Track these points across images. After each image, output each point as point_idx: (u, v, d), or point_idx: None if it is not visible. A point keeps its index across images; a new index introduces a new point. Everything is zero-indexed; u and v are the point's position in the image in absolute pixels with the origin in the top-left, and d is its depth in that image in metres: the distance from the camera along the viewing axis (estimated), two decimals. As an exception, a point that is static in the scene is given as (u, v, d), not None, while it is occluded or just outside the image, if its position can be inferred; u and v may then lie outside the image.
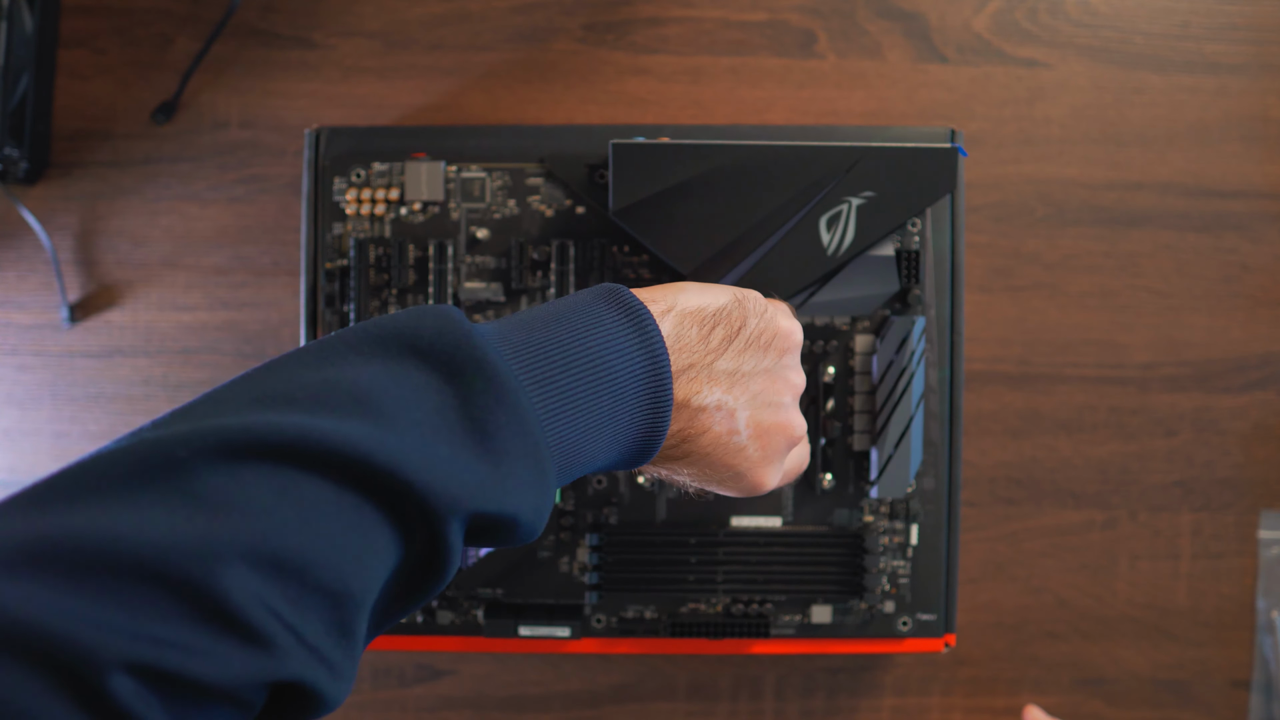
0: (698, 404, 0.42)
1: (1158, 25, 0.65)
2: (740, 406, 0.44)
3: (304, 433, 0.31)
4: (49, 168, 0.65)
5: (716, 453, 0.44)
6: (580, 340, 0.38)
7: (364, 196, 0.58)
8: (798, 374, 0.47)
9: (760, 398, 0.44)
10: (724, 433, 0.43)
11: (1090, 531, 0.65)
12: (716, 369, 0.43)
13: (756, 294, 0.46)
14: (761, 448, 0.45)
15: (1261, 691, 0.66)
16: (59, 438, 0.66)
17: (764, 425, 0.44)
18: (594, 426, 0.38)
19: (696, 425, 0.43)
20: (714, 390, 0.43)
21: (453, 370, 0.35)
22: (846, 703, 0.66)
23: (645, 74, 0.65)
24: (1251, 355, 0.65)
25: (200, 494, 0.30)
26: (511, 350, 0.37)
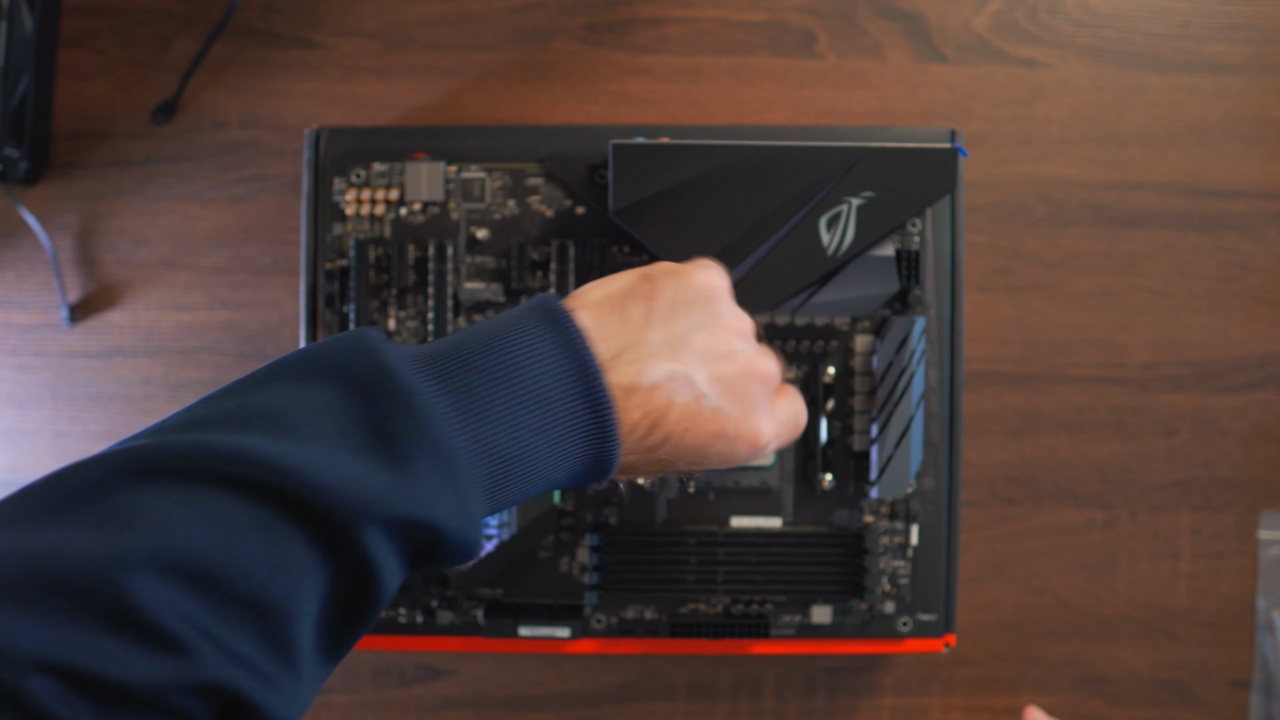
0: (648, 382, 0.41)
1: (1158, 25, 0.65)
2: (693, 368, 0.42)
3: (204, 448, 0.33)
4: (49, 168, 0.65)
5: (693, 423, 0.42)
6: (499, 347, 0.38)
7: (364, 196, 0.58)
8: (737, 317, 0.45)
9: (710, 352, 0.43)
10: (690, 400, 0.42)
11: (1090, 531, 0.66)
12: (650, 342, 0.42)
13: (663, 263, 0.45)
14: (736, 400, 0.43)
15: (1261, 691, 0.66)
16: (59, 438, 0.66)
17: (727, 376, 0.43)
18: (527, 432, 0.38)
19: (657, 403, 0.41)
20: (658, 363, 0.42)
21: (359, 386, 0.35)
22: (846, 703, 0.66)
23: (645, 74, 0.65)
24: (1251, 355, 0.66)
25: (111, 511, 0.31)
26: (426, 363, 0.37)
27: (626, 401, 0.41)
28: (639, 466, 0.44)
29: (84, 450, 0.65)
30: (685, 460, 0.44)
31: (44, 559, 0.30)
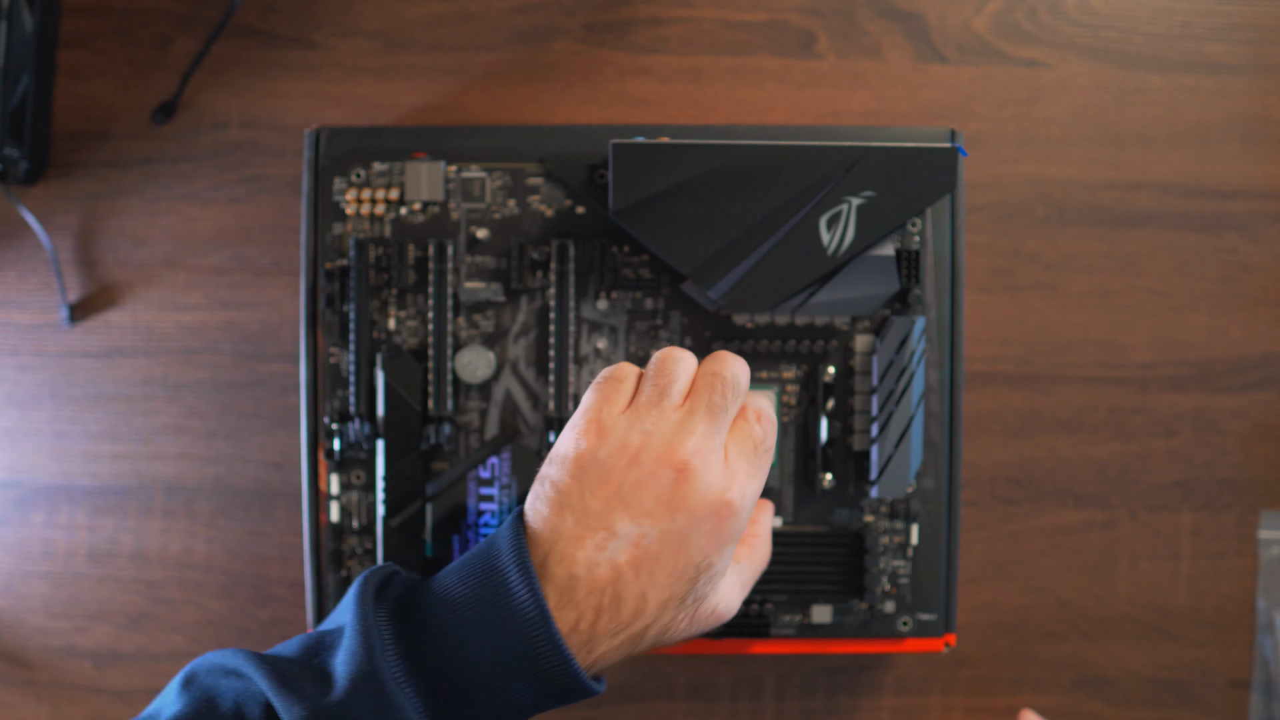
0: (583, 569, 0.44)
1: (1158, 25, 0.65)
2: (613, 522, 0.44)
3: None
4: (49, 168, 0.65)
5: (654, 563, 0.44)
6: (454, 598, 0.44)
7: (364, 196, 0.58)
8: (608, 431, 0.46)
9: (618, 494, 0.45)
10: (630, 549, 0.44)
11: (1090, 531, 0.66)
12: (567, 531, 0.44)
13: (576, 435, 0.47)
14: (669, 507, 0.45)
15: (1261, 691, 0.66)
16: (59, 438, 0.66)
17: (647, 498, 0.45)
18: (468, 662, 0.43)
19: (600, 578, 0.44)
20: (582, 545, 0.44)
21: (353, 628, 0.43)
22: (846, 703, 0.66)
23: (645, 74, 0.65)
24: (1251, 355, 0.66)
25: None
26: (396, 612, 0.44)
27: (569, 599, 0.43)
28: (651, 638, 0.46)
29: (84, 450, 0.65)
30: (684, 594, 0.45)
31: None
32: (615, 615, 0.44)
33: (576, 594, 0.43)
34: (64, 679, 0.66)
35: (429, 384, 0.58)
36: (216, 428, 0.65)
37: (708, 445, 0.45)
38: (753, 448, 0.47)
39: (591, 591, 0.44)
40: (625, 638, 0.45)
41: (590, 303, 0.58)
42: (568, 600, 0.43)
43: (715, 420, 0.46)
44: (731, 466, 0.46)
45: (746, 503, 0.46)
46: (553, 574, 0.44)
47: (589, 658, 0.44)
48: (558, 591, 0.43)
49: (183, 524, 0.66)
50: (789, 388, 0.58)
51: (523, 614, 0.42)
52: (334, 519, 0.58)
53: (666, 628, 0.46)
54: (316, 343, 0.58)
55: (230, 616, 0.66)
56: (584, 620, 0.44)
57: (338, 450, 0.58)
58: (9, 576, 0.66)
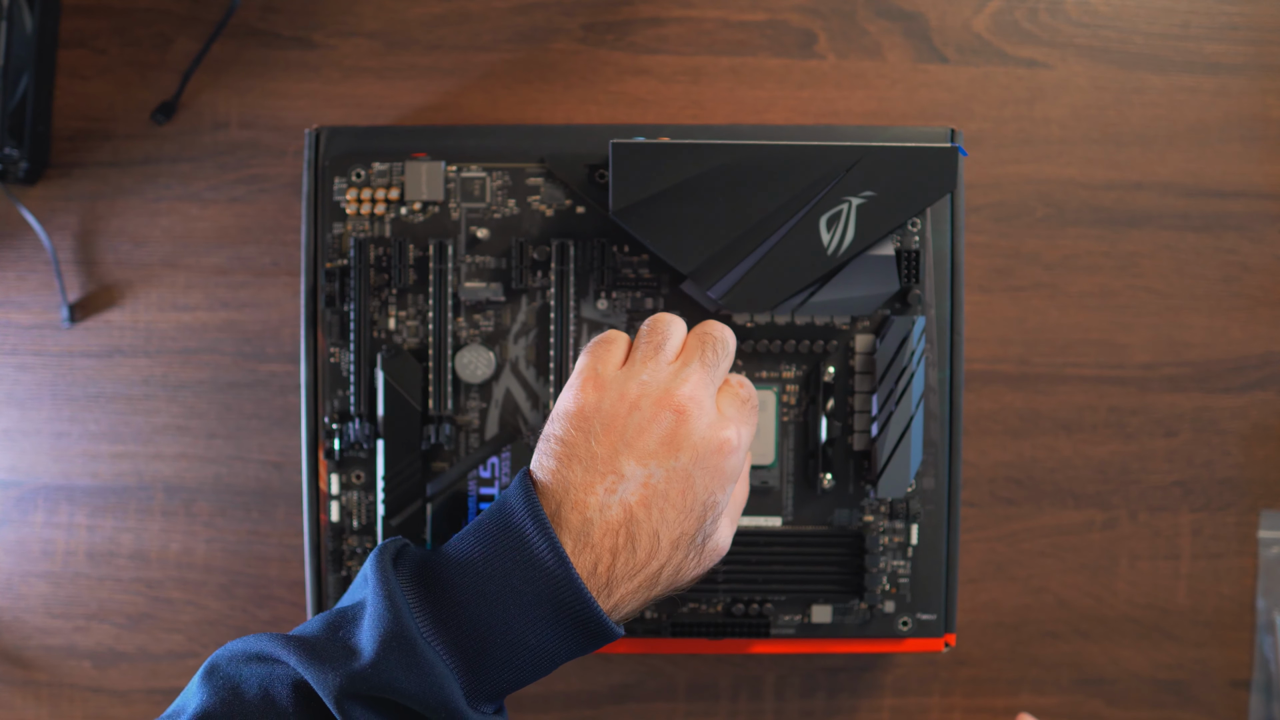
0: (595, 513, 0.45)
1: (1158, 25, 0.65)
2: (621, 465, 0.46)
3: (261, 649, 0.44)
4: (49, 168, 0.65)
5: (664, 501, 0.46)
6: (475, 557, 0.45)
7: (364, 196, 0.58)
8: (606, 382, 0.48)
9: (623, 436, 0.46)
10: (639, 490, 0.46)
11: (1090, 531, 0.66)
12: (575, 479, 0.46)
13: (576, 387, 0.48)
14: (670, 445, 0.46)
15: (1261, 691, 0.66)
16: (59, 438, 0.66)
17: (649, 440, 0.46)
18: (492, 611, 0.44)
19: (613, 519, 0.45)
20: (592, 490, 0.46)
21: (374, 593, 0.44)
22: (846, 703, 0.66)
23: (645, 74, 0.65)
24: (1251, 355, 0.66)
25: None
26: (414, 572, 0.45)
27: (585, 543, 0.45)
28: (665, 580, 0.47)
29: (84, 450, 0.65)
30: (694, 532, 0.47)
31: None
32: (631, 556, 0.45)
33: (592, 537, 0.45)
34: (64, 679, 0.66)
35: (429, 384, 0.58)
36: (216, 428, 0.65)
37: (702, 392, 0.48)
38: (740, 401, 0.50)
39: (606, 533, 0.45)
40: (642, 579, 0.46)
41: (590, 303, 0.58)
42: (584, 544, 0.45)
43: (708, 372, 0.48)
44: (725, 412, 0.49)
45: (743, 443, 0.48)
46: (567, 521, 0.45)
47: (609, 601, 0.45)
48: (573, 538, 0.45)
49: (183, 524, 0.66)
50: (789, 388, 0.58)
51: (542, 564, 0.44)
52: (334, 519, 0.58)
53: (679, 567, 0.47)
54: (316, 343, 0.58)
55: (230, 616, 0.66)
56: (601, 563, 0.45)
57: (338, 450, 0.58)
58: (9, 576, 0.66)
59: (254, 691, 0.42)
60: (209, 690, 0.43)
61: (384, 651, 0.41)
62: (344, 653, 0.42)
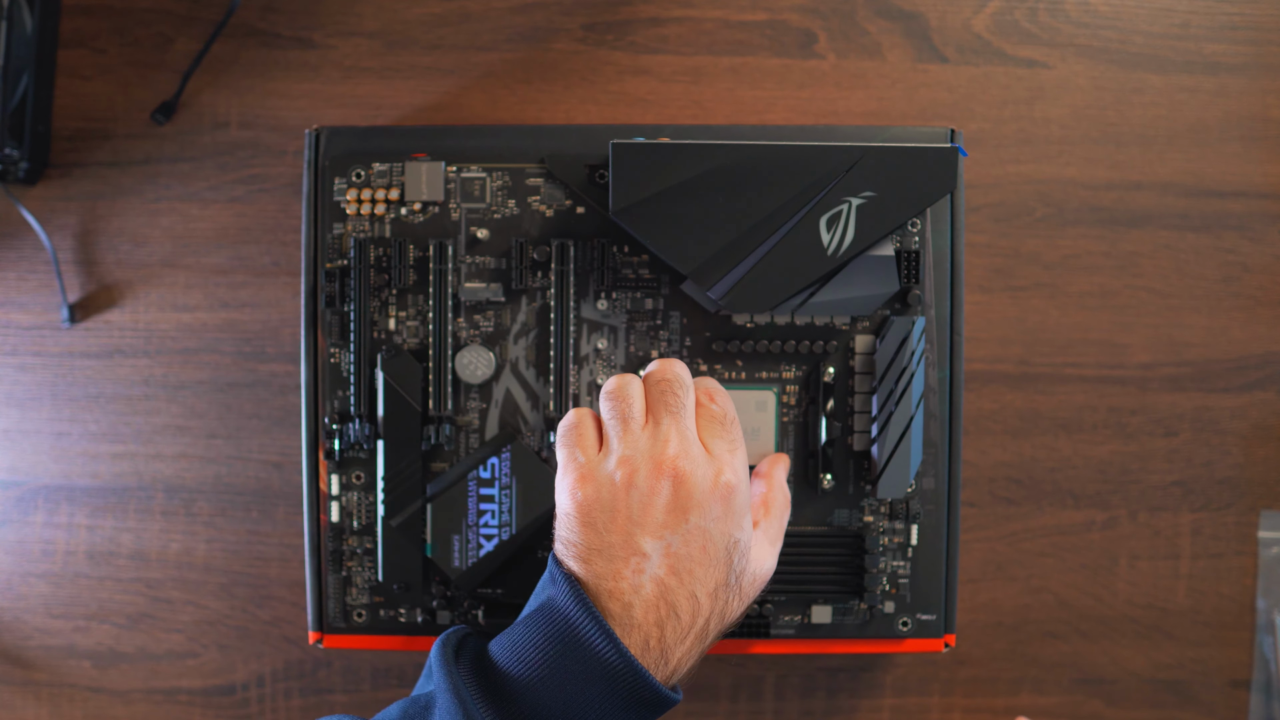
0: (630, 583, 0.46)
1: (1158, 25, 0.65)
2: (641, 541, 0.47)
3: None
4: (49, 168, 0.65)
5: (687, 563, 0.47)
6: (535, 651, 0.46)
7: (364, 196, 0.58)
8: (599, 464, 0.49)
9: (637, 516, 0.47)
10: (665, 562, 0.47)
11: (1090, 531, 0.66)
12: (612, 552, 0.47)
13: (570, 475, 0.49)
14: (679, 510, 0.47)
15: (1261, 691, 0.66)
16: (59, 438, 0.66)
17: (660, 511, 0.47)
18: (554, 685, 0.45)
19: (647, 592, 0.46)
20: (622, 567, 0.47)
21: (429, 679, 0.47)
22: (846, 703, 0.66)
23: (645, 74, 0.65)
24: (1251, 355, 0.66)
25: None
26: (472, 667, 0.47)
27: (630, 626, 0.46)
28: (715, 629, 0.48)
29: (84, 450, 0.65)
30: (726, 576, 0.48)
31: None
32: (676, 622, 0.46)
33: (635, 618, 0.46)
34: (64, 679, 0.66)
35: (429, 384, 0.58)
36: (216, 428, 0.65)
37: (686, 444, 0.49)
38: (720, 426, 0.50)
39: (648, 610, 0.46)
40: (693, 638, 0.47)
41: (590, 303, 0.58)
42: (630, 627, 0.46)
43: (679, 419, 0.49)
44: (713, 452, 0.49)
45: (740, 476, 0.49)
46: (608, 610, 0.46)
47: (668, 669, 0.47)
48: (618, 624, 0.46)
49: (183, 524, 0.66)
50: (789, 388, 0.58)
51: (608, 664, 0.45)
52: (334, 519, 0.58)
53: (724, 613, 0.48)
54: (316, 343, 0.58)
55: (230, 616, 0.66)
56: (651, 638, 0.46)
57: (338, 450, 0.58)
58: (9, 576, 0.66)
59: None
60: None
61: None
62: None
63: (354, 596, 0.59)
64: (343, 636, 0.59)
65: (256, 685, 0.66)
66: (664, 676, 0.46)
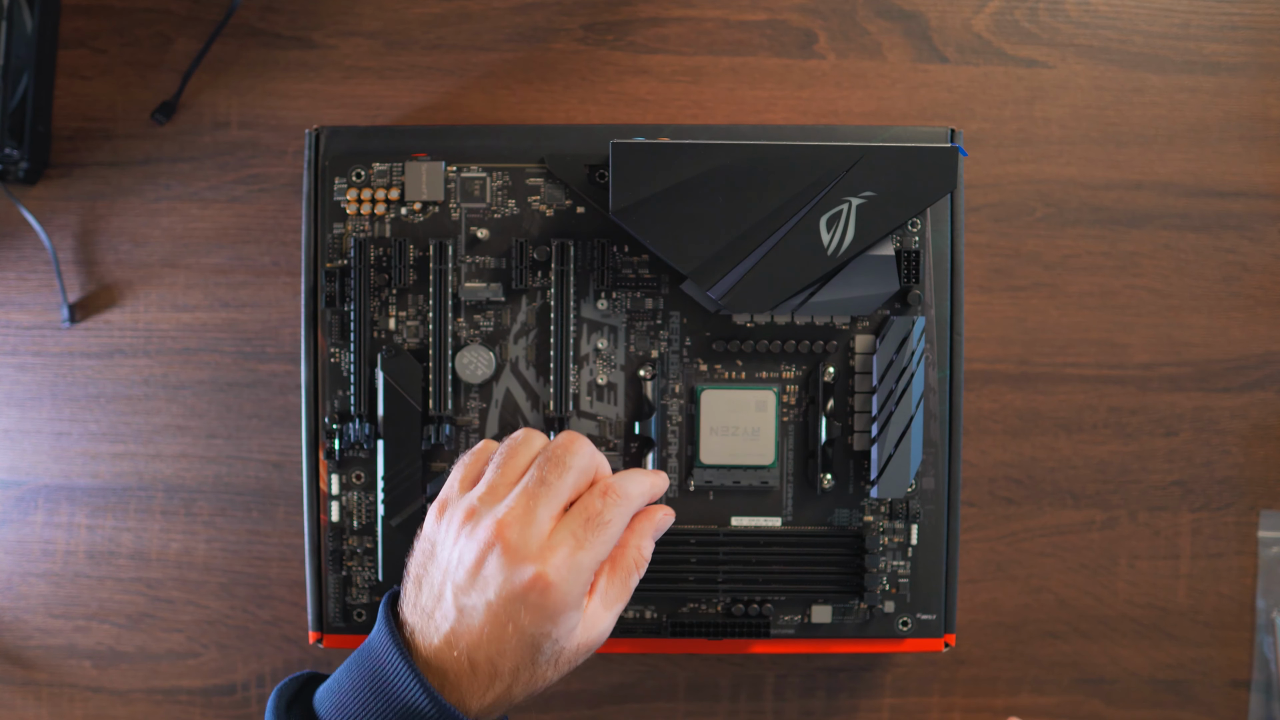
0: (440, 628, 0.46)
1: (1158, 25, 0.65)
2: (471, 598, 0.46)
3: None
4: (49, 168, 0.65)
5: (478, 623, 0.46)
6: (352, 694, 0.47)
7: (364, 196, 0.58)
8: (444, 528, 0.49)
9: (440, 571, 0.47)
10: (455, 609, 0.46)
11: (1090, 531, 0.66)
12: (432, 583, 0.47)
13: None
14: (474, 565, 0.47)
15: (1261, 691, 0.66)
16: (59, 438, 0.66)
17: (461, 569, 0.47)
18: None
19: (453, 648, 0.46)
20: (441, 606, 0.47)
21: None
22: (846, 703, 0.66)
23: (645, 74, 0.65)
24: (1251, 355, 0.66)
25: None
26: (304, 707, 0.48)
27: (430, 668, 0.46)
28: (521, 694, 0.47)
29: (84, 450, 0.65)
30: (533, 659, 0.46)
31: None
32: (473, 680, 0.46)
33: (433, 664, 0.46)
34: (64, 679, 0.66)
35: (429, 384, 0.58)
36: (216, 428, 0.65)
37: (525, 519, 0.46)
38: (583, 521, 0.47)
39: (446, 660, 0.46)
40: (493, 699, 0.46)
41: (590, 303, 0.58)
42: (430, 669, 0.46)
43: (538, 496, 0.47)
44: (553, 540, 0.46)
45: (567, 576, 0.46)
46: (416, 648, 0.46)
47: (470, 715, 0.46)
48: (422, 663, 0.46)
49: (183, 524, 0.66)
50: (789, 388, 0.58)
51: (413, 704, 0.45)
52: (334, 519, 0.58)
53: (531, 684, 0.47)
54: (317, 343, 0.58)
55: (230, 616, 0.66)
56: (448, 685, 0.46)
57: (338, 450, 0.58)
58: (9, 576, 0.66)
59: None
60: None
61: None
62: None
63: (354, 596, 0.59)
64: (343, 636, 0.59)
65: (256, 685, 0.66)
66: (472, 716, 0.46)
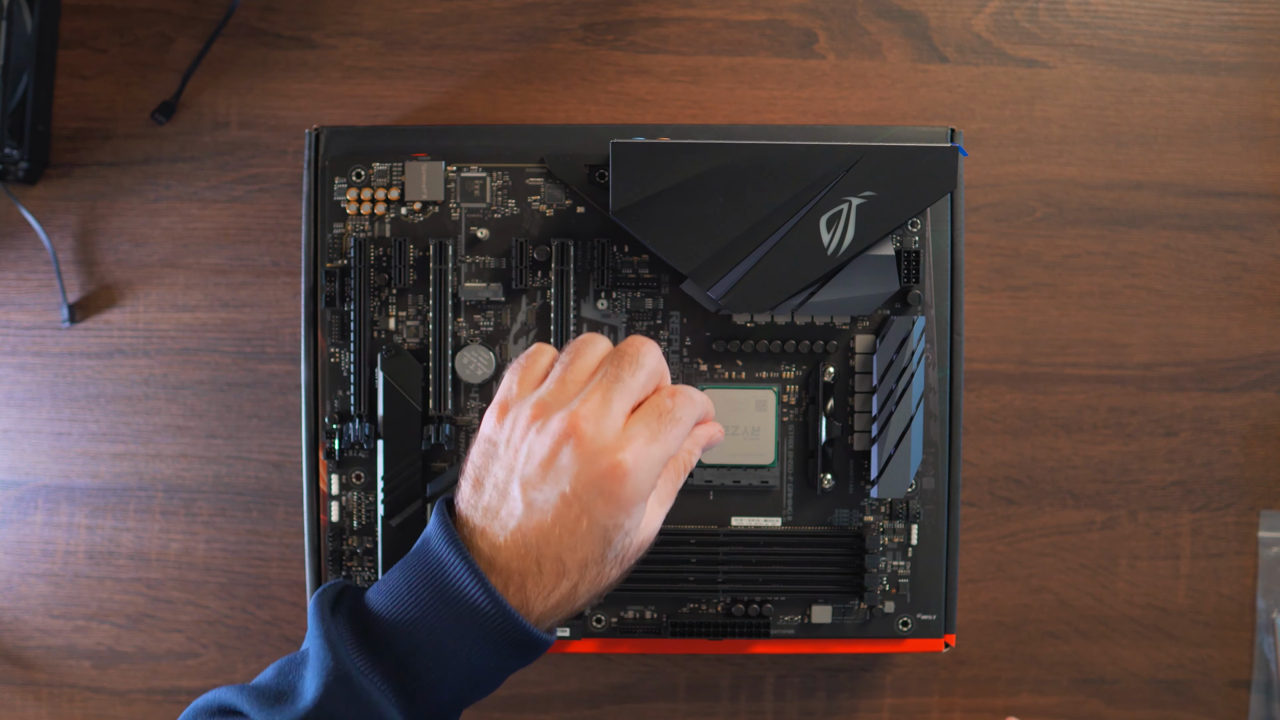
0: (507, 525, 0.46)
1: (1158, 25, 0.65)
2: (503, 480, 0.46)
3: None
4: (49, 168, 0.65)
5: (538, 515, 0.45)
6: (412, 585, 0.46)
7: (364, 196, 0.58)
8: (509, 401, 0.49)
9: (507, 457, 0.47)
10: (522, 496, 0.46)
11: (1090, 531, 0.66)
12: (496, 482, 0.47)
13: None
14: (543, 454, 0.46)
15: (1261, 691, 0.66)
16: (59, 438, 0.66)
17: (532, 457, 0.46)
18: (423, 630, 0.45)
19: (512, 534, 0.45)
20: (509, 503, 0.46)
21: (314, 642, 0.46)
22: (846, 703, 0.66)
23: (645, 74, 0.65)
24: (1251, 355, 0.66)
25: None
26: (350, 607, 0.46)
27: (493, 569, 0.45)
28: (585, 594, 0.47)
29: (84, 450, 0.65)
30: (602, 554, 0.46)
31: None
32: (539, 579, 0.45)
33: (498, 563, 0.45)
34: (64, 679, 0.66)
35: (429, 384, 0.58)
36: (216, 428, 0.65)
37: (601, 411, 0.46)
38: (656, 415, 0.47)
39: (512, 559, 0.45)
40: (558, 598, 0.46)
41: (590, 303, 0.58)
42: (493, 569, 0.45)
43: (613, 390, 0.47)
44: (628, 431, 0.46)
45: (642, 466, 0.46)
46: (478, 549, 0.46)
47: (531, 617, 0.46)
48: (485, 563, 0.45)
49: (183, 524, 0.66)
50: (789, 388, 0.58)
51: (460, 588, 0.44)
52: (334, 519, 0.58)
53: (596, 583, 0.47)
54: (316, 343, 0.58)
55: (230, 616, 0.66)
56: (512, 585, 0.45)
57: (338, 450, 0.58)
58: (9, 576, 0.66)
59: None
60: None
61: (325, 691, 0.43)
62: (292, 696, 0.44)
63: (354, 596, 0.59)
64: (343, 636, 0.59)
65: (256, 685, 0.66)
66: (530, 621, 0.45)
